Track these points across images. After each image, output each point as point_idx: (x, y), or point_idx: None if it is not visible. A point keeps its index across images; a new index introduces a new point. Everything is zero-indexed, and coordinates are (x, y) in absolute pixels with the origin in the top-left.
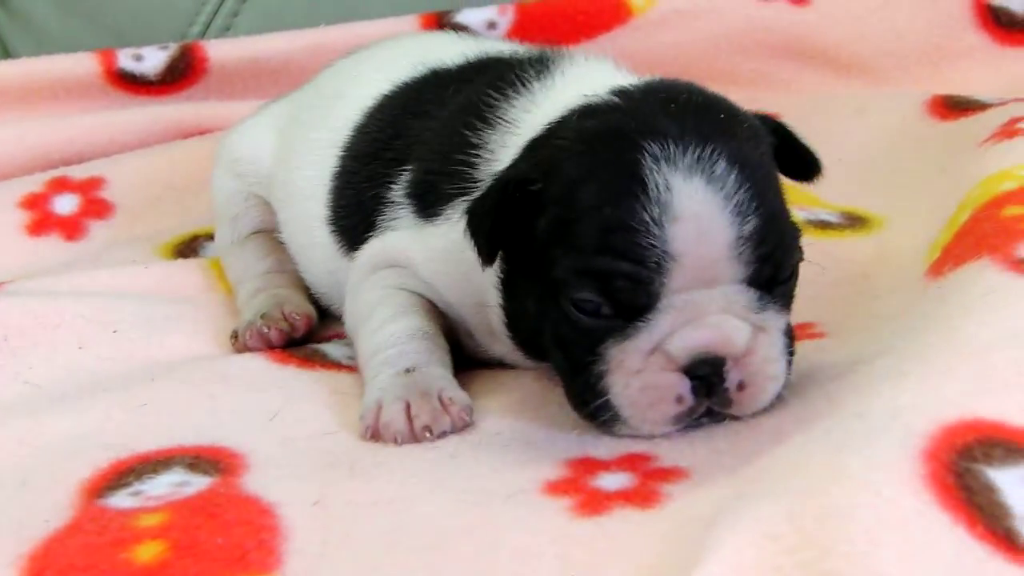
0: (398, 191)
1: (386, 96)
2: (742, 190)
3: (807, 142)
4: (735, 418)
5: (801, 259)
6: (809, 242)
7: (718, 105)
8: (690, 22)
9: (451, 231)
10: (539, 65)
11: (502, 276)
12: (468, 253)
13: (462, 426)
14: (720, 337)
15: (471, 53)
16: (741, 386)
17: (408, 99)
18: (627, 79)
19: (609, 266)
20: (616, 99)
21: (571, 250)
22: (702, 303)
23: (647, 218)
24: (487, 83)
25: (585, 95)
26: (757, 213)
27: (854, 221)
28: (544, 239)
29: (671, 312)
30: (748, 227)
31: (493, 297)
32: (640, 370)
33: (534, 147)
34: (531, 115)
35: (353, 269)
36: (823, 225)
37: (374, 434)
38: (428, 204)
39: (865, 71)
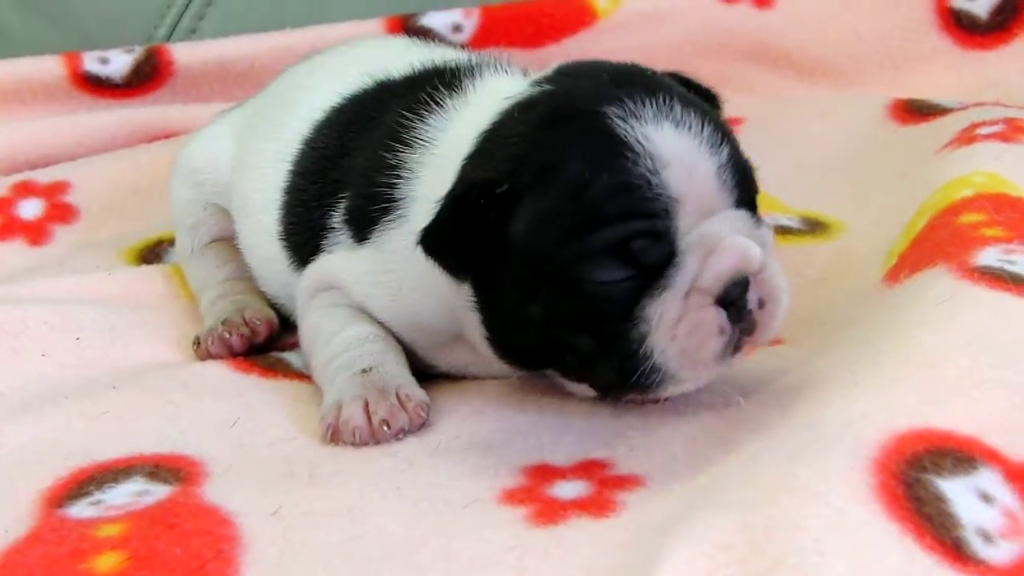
0: (337, 217)
1: (334, 109)
2: (705, 124)
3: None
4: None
5: None
6: None
7: (631, 66)
8: (654, 25)
9: (376, 253)
10: (452, 81)
11: (476, 291)
12: (393, 275)
13: (419, 423)
14: (743, 256)
15: (418, 64)
16: (761, 303)
17: (353, 114)
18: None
19: (624, 231)
20: (544, 87)
21: (573, 233)
22: (714, 232)
23: (643, 172)
24: (406, 103)
25: (505, 97)
26: (725, 141)
27: (814, 226)
28: (526, 238)
29: (692, 250)
30: (723, 155)
31: (466, 314)
32: (681, 316)
33: (485, 153)
34: (445, 133)
35: (298, 291)
36: (783, 231)
37: (334, 433)
38: (359, 228)
39: (828, 73)
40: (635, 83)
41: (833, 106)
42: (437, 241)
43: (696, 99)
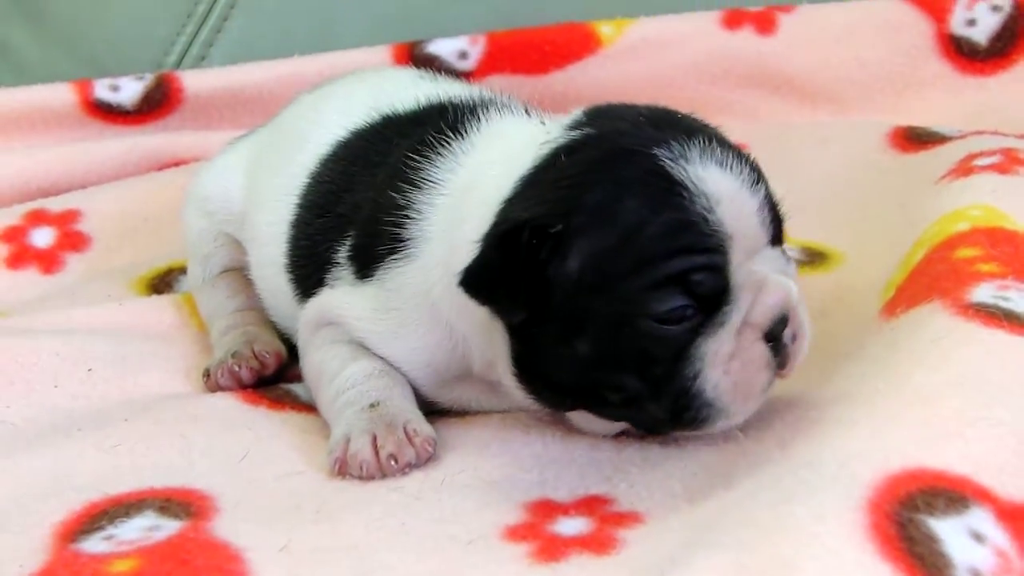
0: (341, 253)
1: (341, 144)
2: (742, 163)
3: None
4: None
5: None
6: None
7: (663, 109)
8: (658, 51)
9: (379, 291)
10: (456, 121)
11: (510, 329)
12: (396, 312)
13: (426, 457)
14: (786, 295)
15: (423, 98)
16: (793, 338)
17: (359, 149)
18: (544, 123)
19: (686, 264)
20: (584, 131)
21: (634, 267)
22: (760, 270)
23: (699, 210)
24: (411, 142)
25: (543, 143)
26: (761, 181)
27: (814, 257)
28: (582, 275)
29: (744, 287)
30: (761, 193)
31: (496, 351)
32: (734, 352)
33: (530, 194)
34: (456, 175)
35: (300, 324)
36: None
37: (342, 466)
38: (363, 265)
39: (830, 99)
40: (675, 125)
41: (835, 132)
42: (483, 280)
43: (728, 140)
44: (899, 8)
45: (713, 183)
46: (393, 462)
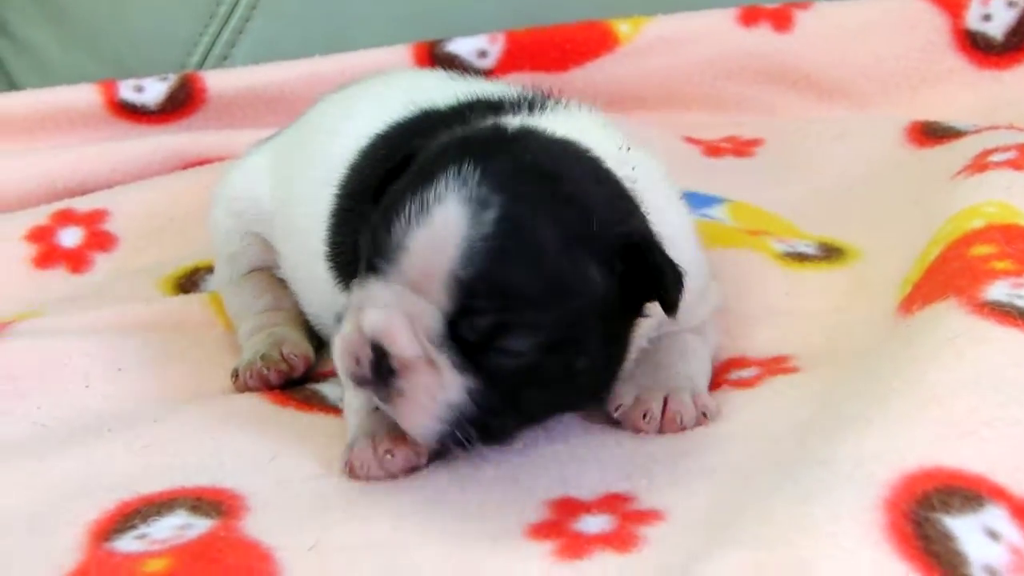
0: None
1: (379, 135)
2: (481, 235)
3: (666, 268)
4: None
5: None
6: (787, 274)
7: (551, 171)
8: (676, 48)
9: None
10: (500, 114)
11: None
12: None
13: (426, 454)
14: (388, 327)
15: (462, 94)
16: (400, 392)
17: (400, 140)
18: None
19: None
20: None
21: None
22: (394, 297)
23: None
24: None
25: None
26: (483, 264)
27: (830, 252)
28: None
29: (377, 288)
30: (469, 270)
31: None
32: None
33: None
34: None
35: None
36: (800, 257)
37: (351, 469)
38: None
39: (847, 94)
40: (493, 169)
41: (851, 127)
42: None
43: (526, 225)
44: (915, 4)
45: (434, 212)
46: (389, 456)
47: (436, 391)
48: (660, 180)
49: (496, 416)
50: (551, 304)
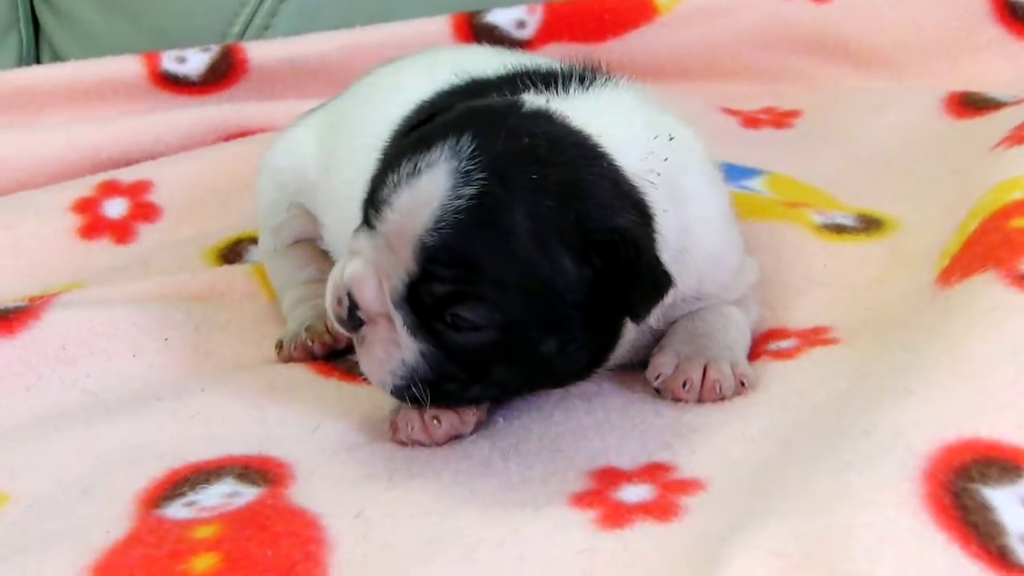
0: None
1: (427, 103)
2: (455, 207)
3: (643, 273)
4: None
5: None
6: (825, 245)
7: (542, 158)
8: (714, 19)
9: None
10: (551, 83)
11: None
12: None
13: (473, 423)
14: (359, 278)
15: (510, 64)
16: (363, 340)
17: (445, 106)
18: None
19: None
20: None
21: None
22: (362, 247)
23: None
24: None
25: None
26: (449, 234)
27: (869, 224)
28: None
29: (364, 239)
30: (435, 238)
31: None
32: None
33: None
34: None
35: None
36: (839, 229)
37: (394, 429)
38: None
39: (885, 64)
40: (485, 140)
41: (890, 98)
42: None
43: (501, 201)
44: None
45: (415, 175)
46: (436, 422)
47: (392, 347)
48: (696, 162)
49: (452, 381)
50: (511, 284)
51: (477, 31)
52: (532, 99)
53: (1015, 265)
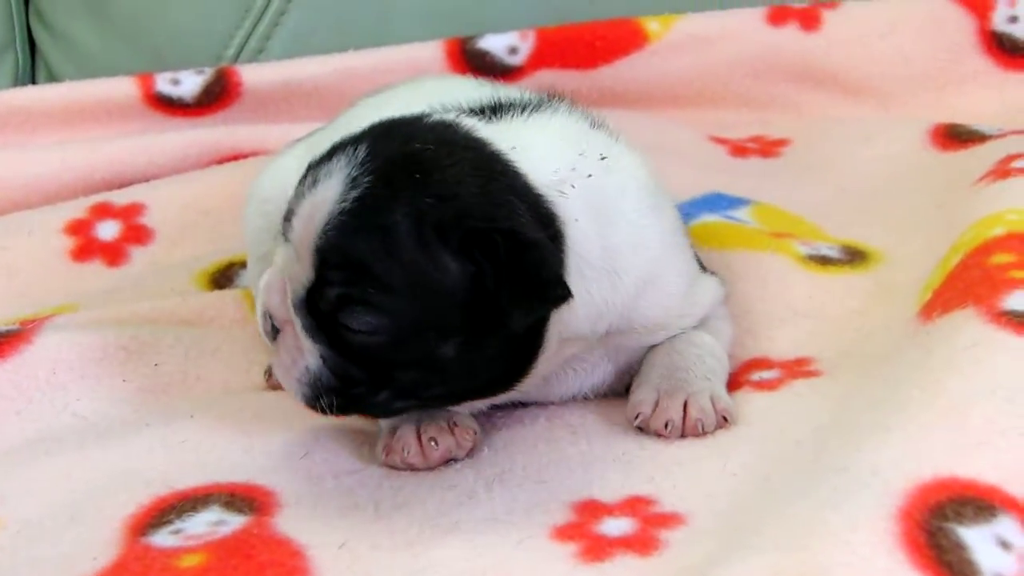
0: None
1: None
2: (341, 210)
3: (525, 270)
4: None
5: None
6: (810, 277)
7: (428, 162)
8: (704, 47)
9: None
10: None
11: None
12: None
13: (468, 447)
14: (268, 286)
15: (485, 97)
16: (275, 349)
17: None
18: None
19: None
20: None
21: None
22: (284, 259)
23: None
24: None
25: None
26: (335, 237)
27: (853, 256)
28: None
29: (280, 250)
30: (323, 240)
31: None
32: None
33: None
34: None
35: None
36: (823, 260)
37: (388, 451)
38: None
39: (873, 94)
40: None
41: (876, 129)
42: None
43: (381, 207)
44: (942, 4)
45: (314, 185)
46: (433, 443)
47: (296, 354)
48: (633, 187)
49: (357, 386)
50: (396, 284)
51: (469, 57)
52: (442, 115)
53: (994, 302)
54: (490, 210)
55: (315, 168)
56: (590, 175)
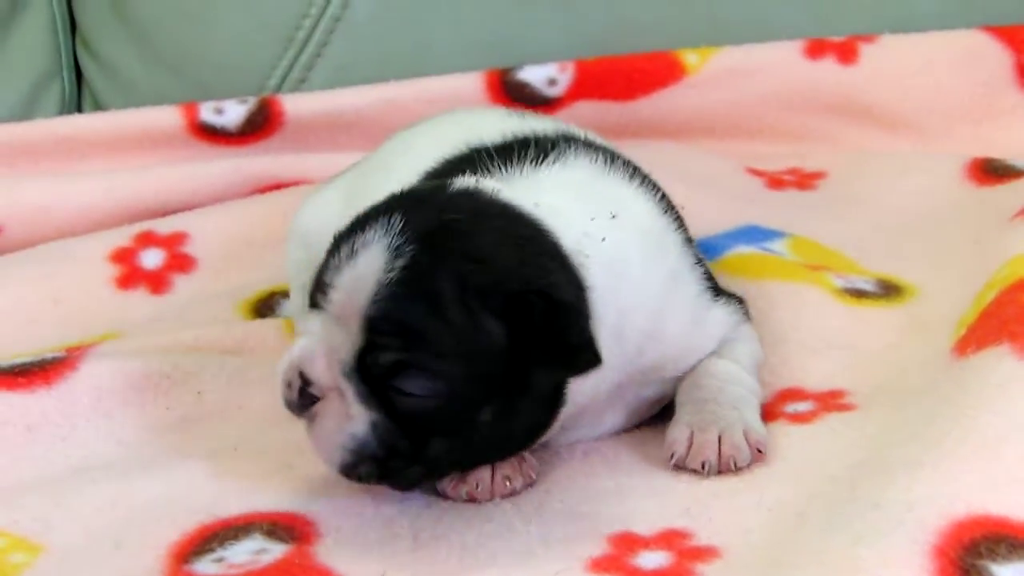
0: None
1: (430, 172)
2: (389, 279)
3: (560, 331)
4: None
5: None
6: (845, 309)
7: (463, 230)
8: (741, 80)
9: None
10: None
11: None
12: None
13: (530, 482)
14: (309, 355)
15: (510, 133)
16: (314, 418)
17: (445, 177)
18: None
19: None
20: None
21: None
22: (322, 328)
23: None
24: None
25: None
26: (387, 303)
27: (888, 290)
28: None
29: (313, 320)
30: (375, 308)
31: None
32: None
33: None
34: None
35: None
36: (858, 294)
37: (455, 484)
38: None
39: (909, 128)
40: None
41: (913, 163)
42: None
43: (431, 274)
44: (979, 38)
45: (359, 254)
46: (507, 483)
47: (343, 420)
48: (640, 243)
49: (399, 458)
50: (448, 350)
51: (509, 88)
52: (462, 180)
53: None
54: (527, 272)
55: (347, 239)
56: (604, 239)
